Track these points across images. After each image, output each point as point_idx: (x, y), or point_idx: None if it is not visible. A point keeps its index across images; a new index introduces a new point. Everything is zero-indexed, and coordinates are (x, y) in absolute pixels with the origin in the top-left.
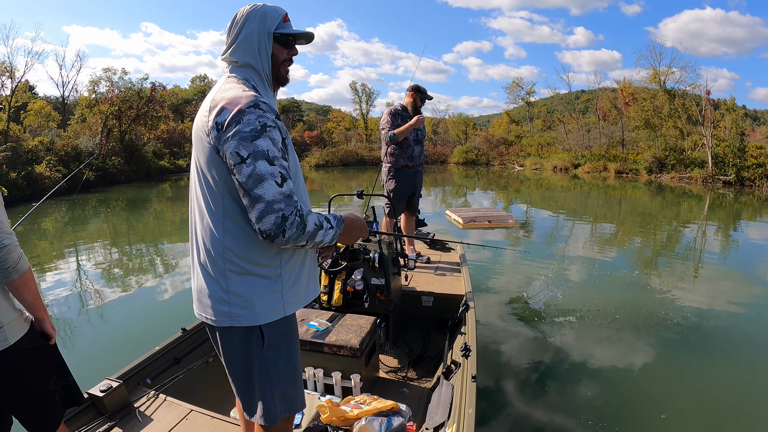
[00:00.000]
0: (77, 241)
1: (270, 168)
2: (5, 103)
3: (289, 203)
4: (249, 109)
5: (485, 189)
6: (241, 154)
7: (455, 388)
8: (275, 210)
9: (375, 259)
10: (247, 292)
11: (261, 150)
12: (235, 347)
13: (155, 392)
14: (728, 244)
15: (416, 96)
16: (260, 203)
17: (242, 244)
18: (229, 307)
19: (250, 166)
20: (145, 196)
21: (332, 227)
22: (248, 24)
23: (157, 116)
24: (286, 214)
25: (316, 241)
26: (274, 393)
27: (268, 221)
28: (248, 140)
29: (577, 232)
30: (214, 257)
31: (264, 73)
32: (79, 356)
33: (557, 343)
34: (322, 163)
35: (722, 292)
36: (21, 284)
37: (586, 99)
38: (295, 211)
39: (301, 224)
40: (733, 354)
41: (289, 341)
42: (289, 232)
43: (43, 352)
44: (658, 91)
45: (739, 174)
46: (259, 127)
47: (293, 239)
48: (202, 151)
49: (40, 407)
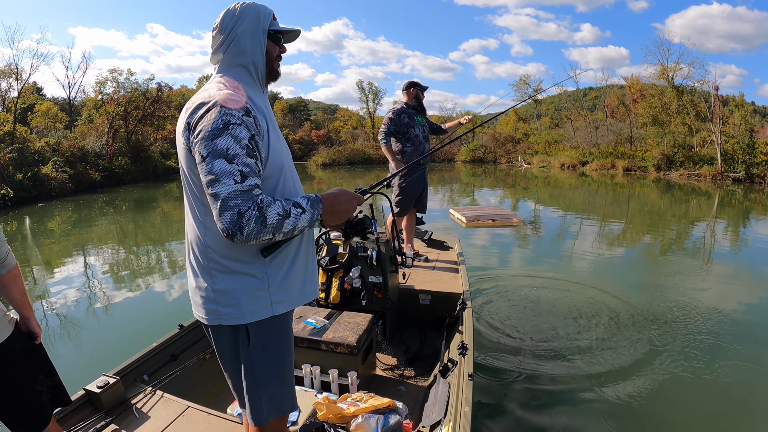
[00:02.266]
0: (82, 242)
1: (228, 167)
2: (11, 105)
3: (246, 198)
4: (214, 107)
5: (492, 187)
6: (202, 153)
7: (452, 386)
8: (230, 207)
9: (372, 256)
10: (232, 290)
11: (219, 149)
12: (225, 345)
13: (152, 388)
14: (738, 241)
15: (417, 91)
16: (217, 201)
17: (223, 242)
18: (215, 305)
19: (209, 165)
20: (151, 196)
21: (304, 211)
22: (243, 22)
23: (163, 116)
24: (242, 210)
25: (286, 230)
26: (261, 394)
27: (225, 219)
28: (209, 139)
29: (583, 230)
30: (199, 256)
31: (258, 69)
32: (76, 353)
33: (556, 342)
34: (328, 162)
35: (732, 291)
36: (9, 280)
37: (594, 96)
38: (253, 205)
39: (260, 218)
40: (742, 355)
41: (279, 341)
42: (247, 228)
43: (29, 352)
44: (666, 87)
45: (748, 171)
46: (221, 125)
47: (254, 234)
48: (181, 152)
49: (26, 408)
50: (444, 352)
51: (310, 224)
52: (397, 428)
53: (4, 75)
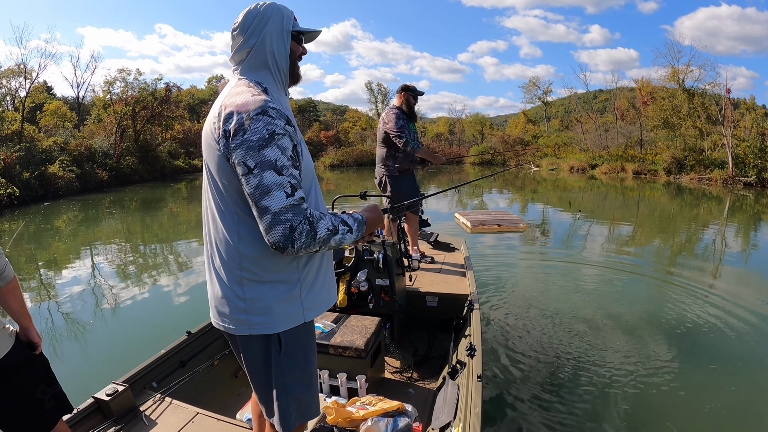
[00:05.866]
0: (88, 242)
1: (278, 178)
2: (19, 104)
3: (297, 212)
4: (257, 116)
5: (501, 190)
6: (248, 164)
7: (461, 388)
8: (282, 221)
9: (379, 260)
10: (265, 298)
11: (268, 160)
12: (255, 355)
13: (161, 396)
14: (748, 246)
15: (408, 95)
16: (267, 215)
17: (258, 251)
18: (246, 315)
19: (257, 177)
20: (159, 196)
21: (350, 231)
22: (268, 22)
23: (171, 117)
24: (294, 225)
25: (332, 245)
26: (290, 400)
27: (276, 233)
28: (255, 150)
29: (592, 234)
30: (230, 265)
31: (282, 72)
32: (84, 360)
33: (565, 344)
34: (336, 163)
35: (743, 298)
36: (7, 292)
37: (604, 99)
38: (304, 220)
39: (311, 232)
40: (752, 364)
41: (306, 348)
42: (298, 243)
43: (30, 363)
44: (676, 90)
45: (760, 175)
46: (267, 135)
47: (304, 248)
48: (212, 158)
49: (26, 417)
50: (452, 354)
51: (354, 243)
52: (406, 431)
53: (13, 74)
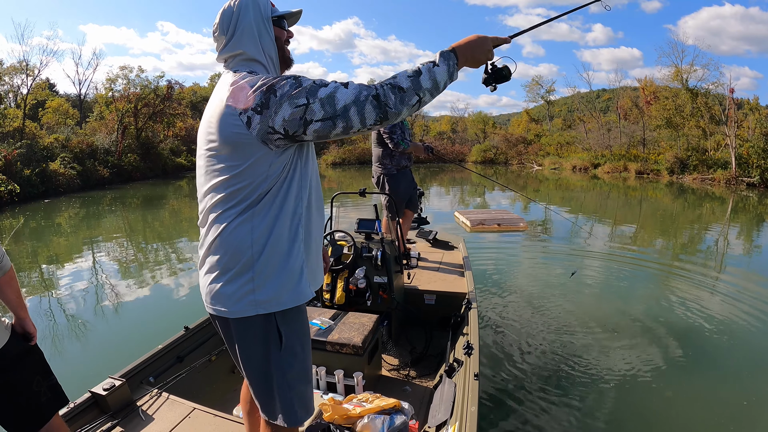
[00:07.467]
0: (88, 239)
1: (328, 87)
2: (21, 101)
3: (364, 87)
4: (269, 79)
5: (503, 189)
6: (300, 103)
7: (458, 386)
8: (362, 101)
9: (377, 257)
10: (272, 276)
11: (309, 86)
12: (253, 345)
13: (158, 391)
14: (751, 248)
15: None
16: (350, 111)
17: (264, 231)
18: (254, 295)
19: (316, 100)
20: (160, 194)
21: (435, 64)
22: (245, 15)
23: (173, 114)
24: (372, 94)
25: (428, 86)
26: (293, 396)
27: (368, 111)
28: (293, 91)
29: (594, 234)
30: (235, 246)
31: (271, 59)
32: (82, 354)
33: (562, 344)
34: (338, 161)
35: (745, 300)
36: (4, 282)
37: (607, 98)
38: (377, 85)
39: (394, 87)
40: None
41: (303, 341)
42: (391, 101)
43: (26, 355)
44: (680, 89)
45: (763, 176)
46: (291, 79)
47: (400, 101)
48: (228, 140)
49: (22, 408)
50: (450, 352)
51: (450, 74)
52: (403, 428)
53: (16, 71)
